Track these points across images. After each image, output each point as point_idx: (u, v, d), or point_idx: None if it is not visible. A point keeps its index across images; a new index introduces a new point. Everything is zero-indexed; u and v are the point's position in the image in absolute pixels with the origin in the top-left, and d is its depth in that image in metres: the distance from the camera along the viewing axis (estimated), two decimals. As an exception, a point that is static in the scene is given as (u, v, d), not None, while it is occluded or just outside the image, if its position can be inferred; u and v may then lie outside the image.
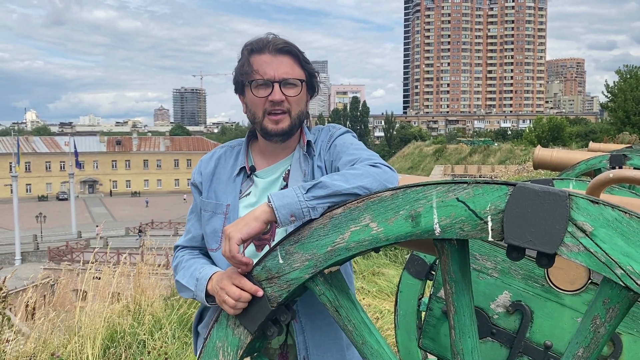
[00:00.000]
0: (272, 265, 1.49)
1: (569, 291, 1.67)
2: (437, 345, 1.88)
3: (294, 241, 1.47)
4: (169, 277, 7.85)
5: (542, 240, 1.17)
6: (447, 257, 1.35)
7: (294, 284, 1.46)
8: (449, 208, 1.27)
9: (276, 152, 1.95)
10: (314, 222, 1.45)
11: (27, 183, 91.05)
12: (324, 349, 1.83)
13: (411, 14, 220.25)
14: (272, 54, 1.85)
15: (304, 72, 1.89)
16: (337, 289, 1.48)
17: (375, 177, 1.56)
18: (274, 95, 1.82)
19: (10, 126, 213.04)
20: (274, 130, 1.85)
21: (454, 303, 1.36)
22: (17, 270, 9.08)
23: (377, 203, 1.37)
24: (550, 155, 5.63)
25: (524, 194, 1.20)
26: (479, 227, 1.25)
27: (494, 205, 1.23)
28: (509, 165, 40.94)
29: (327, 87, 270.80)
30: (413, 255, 3.18)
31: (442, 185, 1.29)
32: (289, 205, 1.47)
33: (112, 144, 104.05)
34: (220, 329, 1.57)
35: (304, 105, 1.91)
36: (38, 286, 8.39)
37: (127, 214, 71.89)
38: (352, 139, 1.91)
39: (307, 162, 1.91)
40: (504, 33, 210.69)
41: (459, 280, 1.36)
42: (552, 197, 1.18)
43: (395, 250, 8.98)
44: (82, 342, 4.30)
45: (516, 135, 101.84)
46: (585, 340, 1.21)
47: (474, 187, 1.26)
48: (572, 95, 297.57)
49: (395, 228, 1.34)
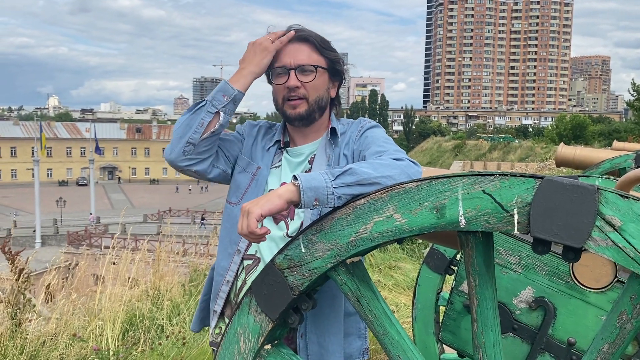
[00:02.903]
0: (294, 254, 1.49)
1: (595, 289, 1.66)
2: (457, 338, 1.88)
3: (316, 230, 1.46)
4: (186, 264, 7.93)
5: (569, 234, 1.16)
6: (472, 249, 1.35)
7: (316, 273, 1.46)
8: (475, 200, 1.27)
9: (304, 135, 2.03)
10: (337, 212, 1.45)
11: (48, 168, 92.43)
12: (321, 329, 1.87)
13: (434, 7, 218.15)
14: (291, 43, 1.95)
15: (324, 59, 1.96)
16: (359, 279, 1.48)
17: (402, 169, 1.58)
18: (290, 81, 1.92)
19: (33, 111, 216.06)
20: (292, 114, 1.95)
21: (477, 296, 1.36)
22: (37, 253, 9.24)
23: (401, 194, 1.36)
24: (574, 153, 5.55)
25: (552, 187, 1.19)
26: (504, 220, 1.23)
27: (521, 197, 1.22)
28: (530, 162, 40.46)
29: (347, 79, 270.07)
30: (433, 249, 3.16)
31: (468, 177, 1.28)
32: (316, 189, 1.47)
33: (132, 132, 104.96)
34: (242, 316, 1.57)
35: (323, 91, 1.97)
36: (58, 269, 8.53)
37: (145, 201, 72.60)
38: (383, 133, 1.96)
39: (332, 148, 1.97)
40: (528, 29, 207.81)
41: (483, 273, 1.35)
42: (580, 190, 1.16)
43: (412, 245, 8.97)
44: (102, 324, 4.37)
45: (537, 133, 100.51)
46: (610, 336, 1.20)
47: (501, 180, 1.24)
48: (596, 94, 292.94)
49: (420, 219, 1.33)
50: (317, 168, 1.92)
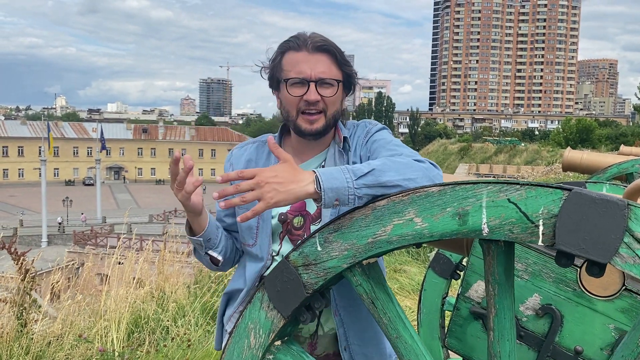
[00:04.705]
0: (309, 251, 1.47)
1: (602, 297, 1.64)
2: (463, 345, 1.86)
3: (333, 229, 1.44)
4: (192, 265, 7.93)
5: (596, 249, 1.14)
6: (493, 258, 1.32)
7: (331, 273, 1.44)
8: (500, 209, 1.24)
9: (310, 148, 1.92)
10: (356, 212, 1.42)
11: (55, 167, 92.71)
12: (363, 340, 1.84)
13: (441, 9, 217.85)
14: (310, 52, 1.80)
15: (341, 72, 1.84)
16: (374, 280, 1.46)
17: (425, 172, 1.53)
18: (310, 95, 1.78)
19: (40, 111, 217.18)
20: (308, 130, 1.82)
21: (496, 305, 1.33)
22: (43, 252, 9.26)
23: (423, 198, 1.33)
24: (581, 157, 5.53)
25: (580, 200, 1.16)
26: (529, 231, 1.21)
27: (547, 209, 1.19)
28: (536, 166, 40.29)
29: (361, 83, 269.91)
30: (439, 254, 3.15)
31: (493, 184, 1.26)
32: (337, 189, 1.43)
33: (139, 132, 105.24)
34: (254, 311, 1.55)
35: (340, 104, 1.88)
36: (64, 269, 8.55)
37: (151, 201, 72.75)
38: (390, 135, 1.89)
39: (343, 159, 1.88)
40: (535, 31, 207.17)
41: (503, 283, 1.33)
42: (609, 205, 1.14)
43: (418, 248, 8.94)
44: (107, 325, 4.38)
45: (543, 136, 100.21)
46: (632, 354, 1.18)
47: (527, 189, 1.22)
48: (603, 97, 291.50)
49: (441, 225, 1.30)
50: None
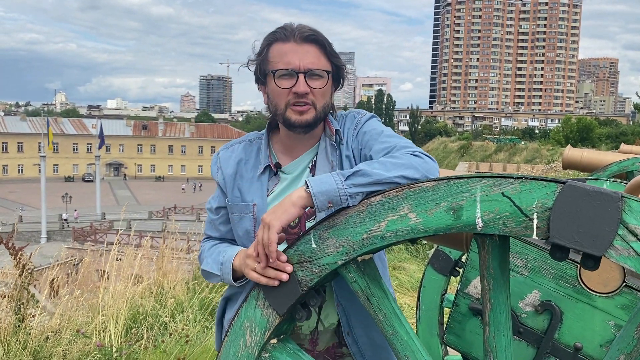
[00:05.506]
0: (304, 249, 1.47)
1: (602, 293, 1.63)
2: (462, 341, 1.85)
3: (328, 226, 1.44)
4: (190, 261, 7.93)
5: (590, 241, 1.13)
6: (487, 252, 1.32)
7: (326, 269, 1.44)
8: (494, 203, 1.24)
9: (300, 143, 1.86)
10: (350, 209, 1.42)
11: (55, 163, 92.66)
12: (366, 325, 1.83)
13: (442, 7, 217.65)
14: (298, 43, 1.75)
15: (330, 64, 1.79)
16: (370, 277, 1.46)
17: (418, 168, 1.50)
18: (299, 86, 1.73)
19: (40, 107, 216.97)
20: (297, 121, 1.76)
21: (491, 300, 1.33)
22: (42, 248, 9.25)
23: (417, 193, 1.32)
24: (581, 155, 5.51)
25: (574, 193, 1.15)
26: (523, 224, 1.21)
27: (541, 202, 1.19)
28: (535, 164, 40.30)
29: (353, 79, 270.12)
30: (438, 251, 3.14)
31: (487, 178, 1.25)
32: (327, 192, 1.44)
33: (139, 128, 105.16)
34: (249, 309, 1.55)
35: (329, 97, 1.83)
36: (62, 264, 8.55)
37: (150, 197, 72.79)
38: (380, 124, 1.84)
39: (335, 152, 1.84)
40: (536, 30, 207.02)
41: (498, 277, 1.32)
42: (603, 197, 1.13)
43: (416, 245, 8.94)
44: (105, 320, 4.37)
45: (544, 135, 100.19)
46: (627, 347, 1.17)
47: (521, 183, 1.21)
48: (604, 96, 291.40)
49: (435, 220, 1.30)
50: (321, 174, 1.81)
